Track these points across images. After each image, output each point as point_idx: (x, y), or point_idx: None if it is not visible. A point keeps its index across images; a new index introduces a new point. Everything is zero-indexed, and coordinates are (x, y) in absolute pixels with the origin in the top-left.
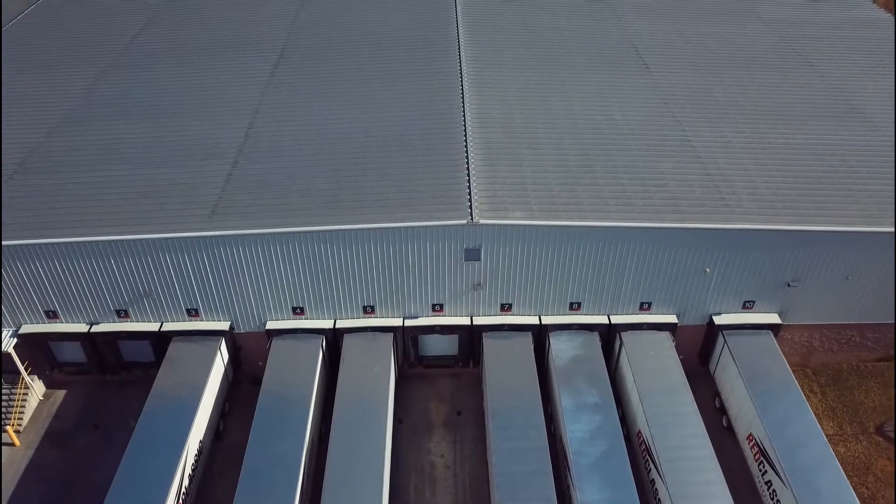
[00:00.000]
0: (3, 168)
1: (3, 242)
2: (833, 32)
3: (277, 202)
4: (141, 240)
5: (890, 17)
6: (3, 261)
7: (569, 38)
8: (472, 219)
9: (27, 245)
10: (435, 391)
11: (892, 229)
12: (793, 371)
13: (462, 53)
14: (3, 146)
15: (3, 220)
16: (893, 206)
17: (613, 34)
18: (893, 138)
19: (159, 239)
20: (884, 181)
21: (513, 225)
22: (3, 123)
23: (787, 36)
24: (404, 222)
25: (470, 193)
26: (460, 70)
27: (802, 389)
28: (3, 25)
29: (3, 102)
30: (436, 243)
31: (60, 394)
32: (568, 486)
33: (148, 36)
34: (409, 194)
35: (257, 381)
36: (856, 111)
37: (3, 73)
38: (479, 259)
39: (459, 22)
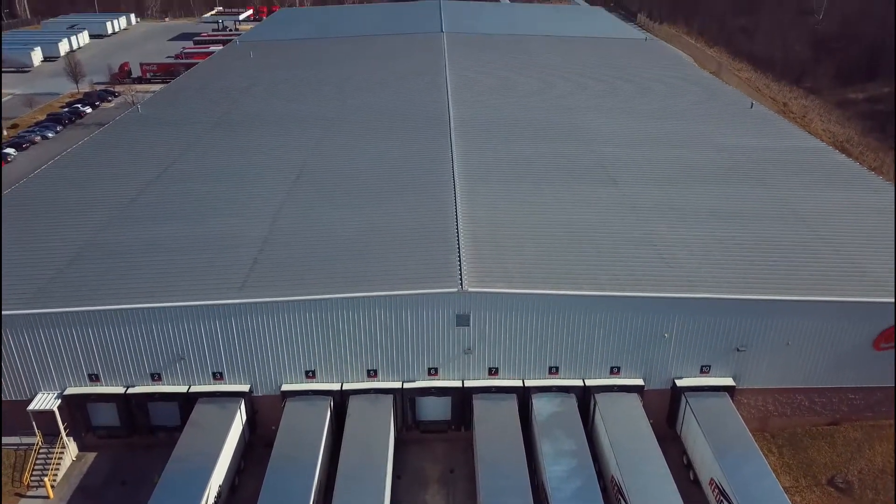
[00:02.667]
0: (64, 256)
1: (60, 309)
2: (779, 156)
3: (294, 279)
4: (179, 307)
5: (826, 145)
6: (55, 328)
7: (548, 160)
8: (461, 287)
9: (78, 312)
10: (430, 453)
11: (822, 298)
12: (752, 434)
13: (455, 171)
14: (64, 240)
15: (61, 295)
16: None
17: (586, 157)
18: (822, 231)
19: (195, 306)
20: (813, 267)
21: (496, 293)
22: (64, 222)
23: (738, 158)
24: (403, 290)
25: (460, 268)
26: (453, 183)
27: (762, 450)
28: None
29: (63, 209)
30: (430, 310)
31: (91, 456)
32: None
33: (184, 161)
34: (407, 270)
35: (270, 445)
36: (794, 213)
37: (67, 187)
38: (468, 325)
39: (454, 149)
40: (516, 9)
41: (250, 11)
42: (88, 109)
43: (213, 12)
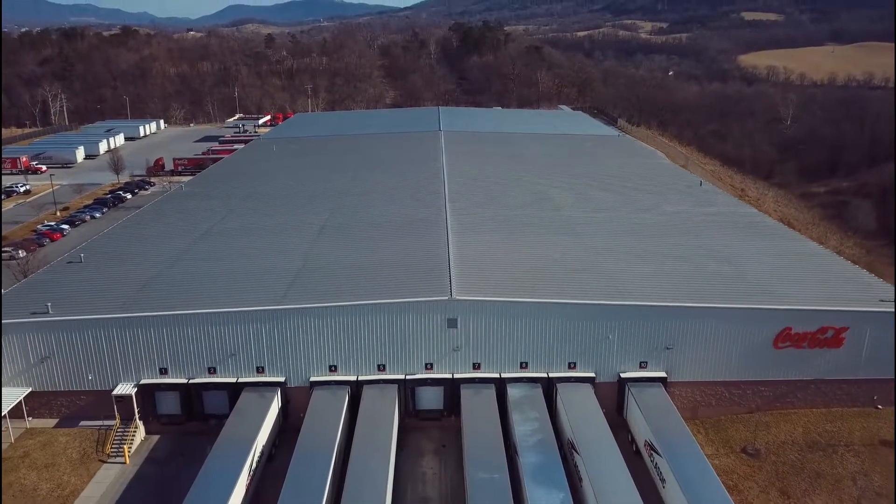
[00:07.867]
0: (139, 283)
1: (143, 313)
2: (710, 218)
3: (322, 294)
4: (233, 312)
5: (755, 211)
6: (138, 328)
7: (522, 217)
8: (451, 295)
9: (156, 316)
10: (426, 435)
11: (730, 306)
12: (685, 421)
13: (448, 220)
14: (137, 274)
15: (142, 305)
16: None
17: (553, 216)
18: (740, 267)
19: (246, 311)
20: (725, 286)
21: (479, 300)
22: (135, 263)
23: (679, 219)
24: (404, 298)
25: (450, 281)
26: (446, 227)
27: (692, 433)
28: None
29: (133, 254)
30: (426, 315)
31: (155, 438)
32: (516, 463)
33: (227, 221)
34: (408, 285)
35: (299, 431)
36: (717, 255)
37: (134, 240)
38: (456, 327)
39: (447, 208)
40: (505, 113)
41: (268, 117)
42: (129, 196)
43: (234, 118)
